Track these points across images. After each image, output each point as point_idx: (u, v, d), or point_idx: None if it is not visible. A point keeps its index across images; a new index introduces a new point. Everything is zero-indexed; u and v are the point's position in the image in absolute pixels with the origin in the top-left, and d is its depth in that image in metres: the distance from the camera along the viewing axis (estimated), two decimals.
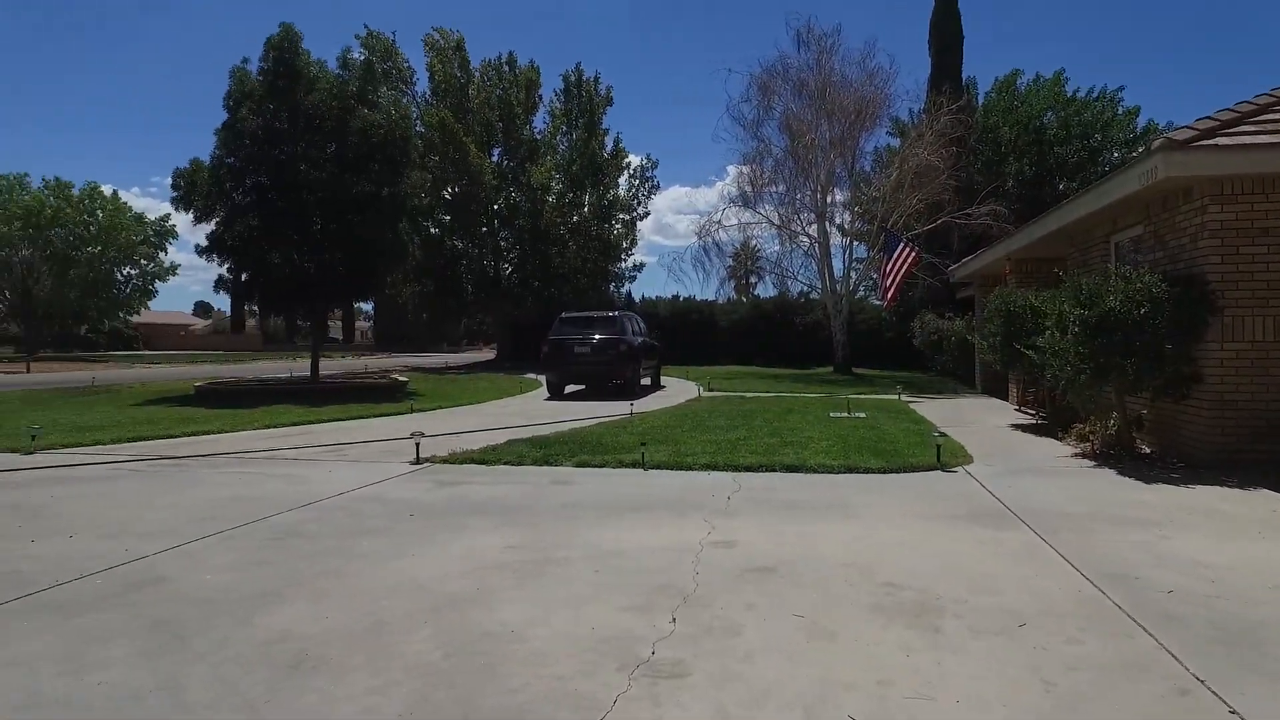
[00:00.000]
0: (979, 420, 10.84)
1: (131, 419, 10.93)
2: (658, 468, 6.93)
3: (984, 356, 10.46)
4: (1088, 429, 7.97)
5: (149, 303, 54.99)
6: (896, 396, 14.17)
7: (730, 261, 29.60)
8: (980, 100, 26.54)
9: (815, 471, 6.69)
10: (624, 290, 36.15)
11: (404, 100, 16.46)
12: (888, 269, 16.51)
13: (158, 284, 51.58)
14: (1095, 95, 25.74)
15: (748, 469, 6.79)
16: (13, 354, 43.93)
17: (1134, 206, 7.95)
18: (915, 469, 6.77)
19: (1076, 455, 7.52)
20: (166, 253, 51.78)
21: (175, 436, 9.32)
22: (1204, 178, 6.64)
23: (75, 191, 46.77)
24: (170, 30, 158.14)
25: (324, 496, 5.79)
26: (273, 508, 5.39)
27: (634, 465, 6.99)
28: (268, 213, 15.57)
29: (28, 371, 30.21)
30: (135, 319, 61.29)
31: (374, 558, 4.19)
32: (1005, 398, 14.16)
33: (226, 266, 16.24)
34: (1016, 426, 10.04)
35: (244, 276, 16.01)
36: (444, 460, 7.37)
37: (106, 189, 48.43)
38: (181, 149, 62.54)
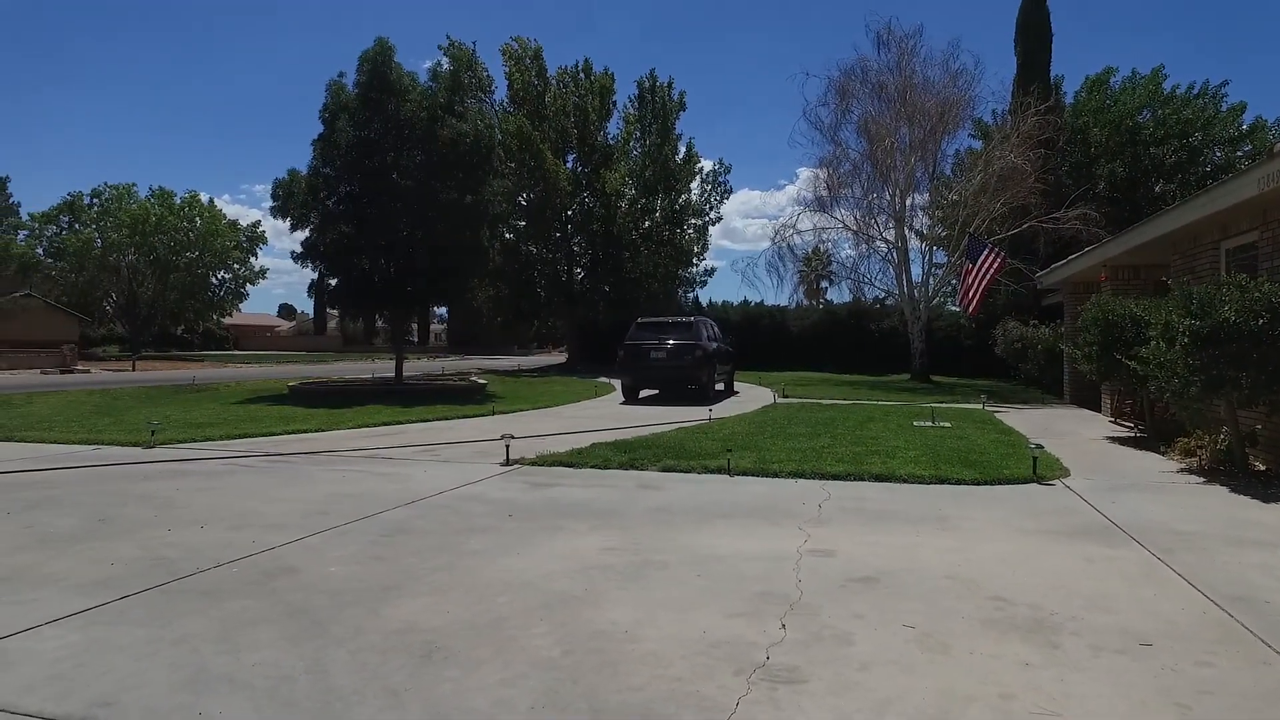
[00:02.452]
0: (1071, 432, 10.47)
1: (235, 416, 11.57)
2: (743, 474, 6.96)
3: (1078, 366, 10.08)
4: (1194, 443, 7.62)
5: (239, 305, 57.99)
6: (980, 406, 13.79)
7: (803, 267, 29.26)
8: (1069, 99, 25.52)
9: (905, 481, 6.60)
10: (691, 296, 36.17)
11: (484, 108, 16.98)
12: (971, 276, 16.06)
13: (248, 287, 54.19)
14: (1196, 92, 24.42)
15: (835, 477, 6.75)
16: (118, 353, 46.97)
17: (1249, 211, 7.57)
18: (1010, 481, 6.61)
19: (1183, 471, 7.20)
20: (257, 257, 54.45)
21: (278, 434, 9.84)
22: None
23: (177, 200, 49.69)
24: (260, 43, 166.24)
25: (425, 495, 6.04)
26: (380, 505, 5.66)
27: (719, 471, 7.03)
28: (358, 220, 16.27)
29: (133, 370, 32.25)
30: (226, 320, 64.71)
31: (482, 555, 4.36)
32: (1097, 408, 13.62)
33: (319, 272, 17.04)
34: (1113, 439, 9.66)
35: (333, 281, 16.76)
36: (532, 462, 7.56)
37: (204, 197, 51.30)
38: (271, 157, 65.70)
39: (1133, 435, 9.87)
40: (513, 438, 7.89)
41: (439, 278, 16.96)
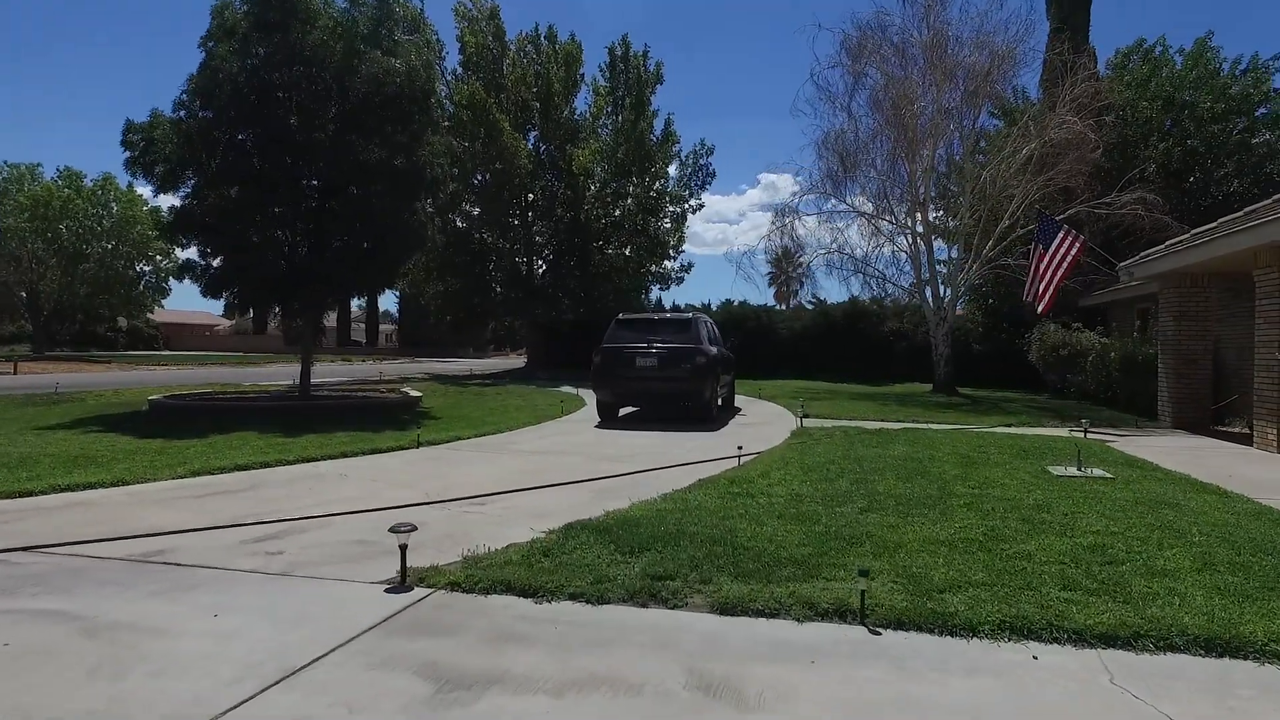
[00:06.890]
0: (1261, 478, 7.03)
1: (7, 457, 7.49)
2: (897, 626, 3.28)
3: None
4: None
5: (165, 301, 52.71)
6: (1082, 433, 10.32)
7: (771, 269, 25.78)
8: (1102, 72, 22.53)
9: (1269, 658, 2.99)
10: (658, 296, 32.54)
11: (419, 46, 13.05)
12: (1043, 264, 12.73)
13: (172, 282, 49.00)
14: (1244, 66, 21.59)
15: (1107, 640, 3.11)
16: (29, 353, 41.44)
17: None
18: None
19: None
20: (183, 249, 49.33)
21: (37, 493, 5.88)
22: None
23: (88, 183, 44.38)
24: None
25: None
26: None
27: (839, 615, 3.36)
28: (250, 181, 12.27)
29: (14, 373, 27.41)
30: (157, 317, 59.16)
31: None
32: (1211, 434, 10.52)
33: (198, 249, 12.94)
34: None
35: (217, 261, 12.68)
36: (453, 582, 3.78)
37: (121, 182, 45.98)
38: None
39: None
40: (413, 529, 4.06)
41: (362, 258, 13.01)
